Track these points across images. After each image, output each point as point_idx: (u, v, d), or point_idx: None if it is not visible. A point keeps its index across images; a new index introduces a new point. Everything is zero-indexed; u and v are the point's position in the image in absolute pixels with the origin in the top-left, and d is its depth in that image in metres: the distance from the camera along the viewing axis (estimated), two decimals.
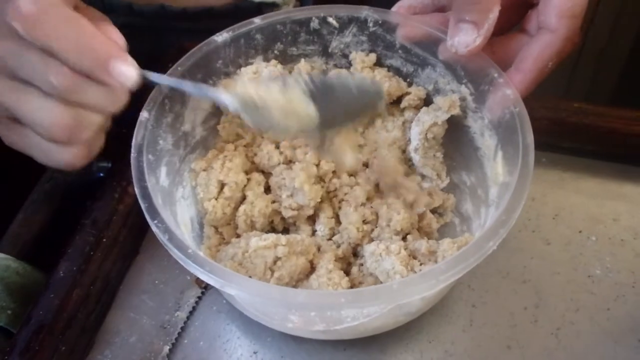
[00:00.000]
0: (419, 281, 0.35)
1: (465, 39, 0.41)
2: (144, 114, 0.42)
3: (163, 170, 0.43)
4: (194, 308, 0.47)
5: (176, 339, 0.45)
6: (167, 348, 0.45)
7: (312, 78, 0.40)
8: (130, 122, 0.42)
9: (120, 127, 0.50)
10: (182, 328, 0.46)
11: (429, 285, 0.34)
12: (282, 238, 0.41)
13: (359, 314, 0.37)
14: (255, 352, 0.45)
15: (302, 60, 0.50)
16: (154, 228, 0.37)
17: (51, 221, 0.52)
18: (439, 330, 0.46)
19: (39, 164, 0.56)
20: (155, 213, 0.37)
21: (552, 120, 0.53)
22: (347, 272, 0.44)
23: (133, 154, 0.40)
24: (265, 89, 0.39)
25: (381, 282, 0.41)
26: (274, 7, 0.58)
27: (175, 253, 0.36)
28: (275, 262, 0.41)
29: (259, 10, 0.58)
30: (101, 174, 0.53)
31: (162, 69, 0.45)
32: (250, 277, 0.40)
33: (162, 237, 0.37)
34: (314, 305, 0.35)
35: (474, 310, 0.46)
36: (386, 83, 0.48)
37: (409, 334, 0.45)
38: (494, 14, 0.41)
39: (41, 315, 0.43)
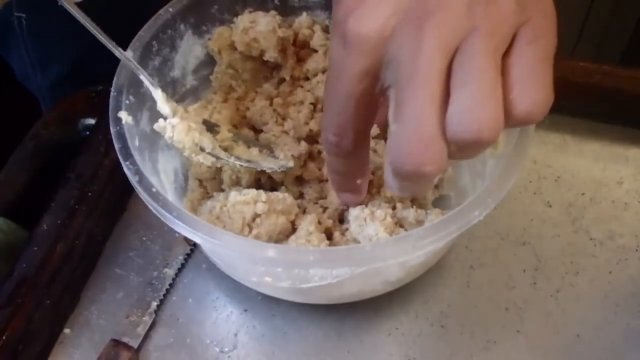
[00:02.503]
0: (393, 245, 0.32)
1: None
2: (127, 53, 0.40)
3: (145, 114, 0.41)
4: (182, 265, 0.45)
5: (164, 296, 0.44)
6: (154, 304, 0.43)
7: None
8: None
9: (108, 84, 0.48)
10: (170, 285, 0.44)
11: (404, 250, 0.32)
12: (263, 195, 0.39)
13: (327, 274, 0.35)
14: (245, 310, 0.44)
15: (304, 13, 0.47)
16: (125, 169, 0.35)
17: (35, 180, 0.50)
18: (435, 291, 0.44)
19: (21, 122, 0.54)
20: (128, 155, 0.36)
21: (555, 80, 0.50)
22: (331, 237, 0.42)
23: (113, 93, 0.38)
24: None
25: None
26: None
27: (143, 195, 0.34)
28: (254, 219, 0.39)
29: None
30: (87, 133, 0.52)
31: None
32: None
33: (132, 179, 0.35)
34: (282, 262, 0.33)
35: (471, 271, 0.45)
36: None
37: (403, 294, 0.44)
38: None
39: (24, 269, 0.42)
